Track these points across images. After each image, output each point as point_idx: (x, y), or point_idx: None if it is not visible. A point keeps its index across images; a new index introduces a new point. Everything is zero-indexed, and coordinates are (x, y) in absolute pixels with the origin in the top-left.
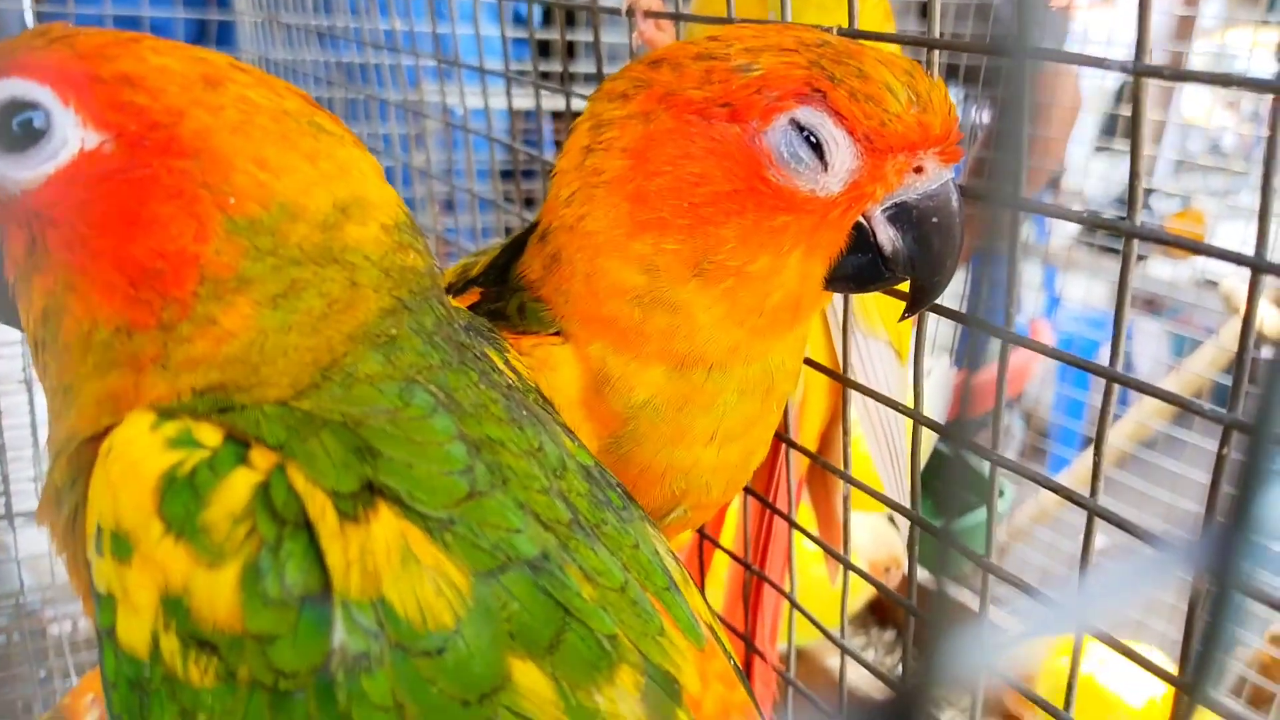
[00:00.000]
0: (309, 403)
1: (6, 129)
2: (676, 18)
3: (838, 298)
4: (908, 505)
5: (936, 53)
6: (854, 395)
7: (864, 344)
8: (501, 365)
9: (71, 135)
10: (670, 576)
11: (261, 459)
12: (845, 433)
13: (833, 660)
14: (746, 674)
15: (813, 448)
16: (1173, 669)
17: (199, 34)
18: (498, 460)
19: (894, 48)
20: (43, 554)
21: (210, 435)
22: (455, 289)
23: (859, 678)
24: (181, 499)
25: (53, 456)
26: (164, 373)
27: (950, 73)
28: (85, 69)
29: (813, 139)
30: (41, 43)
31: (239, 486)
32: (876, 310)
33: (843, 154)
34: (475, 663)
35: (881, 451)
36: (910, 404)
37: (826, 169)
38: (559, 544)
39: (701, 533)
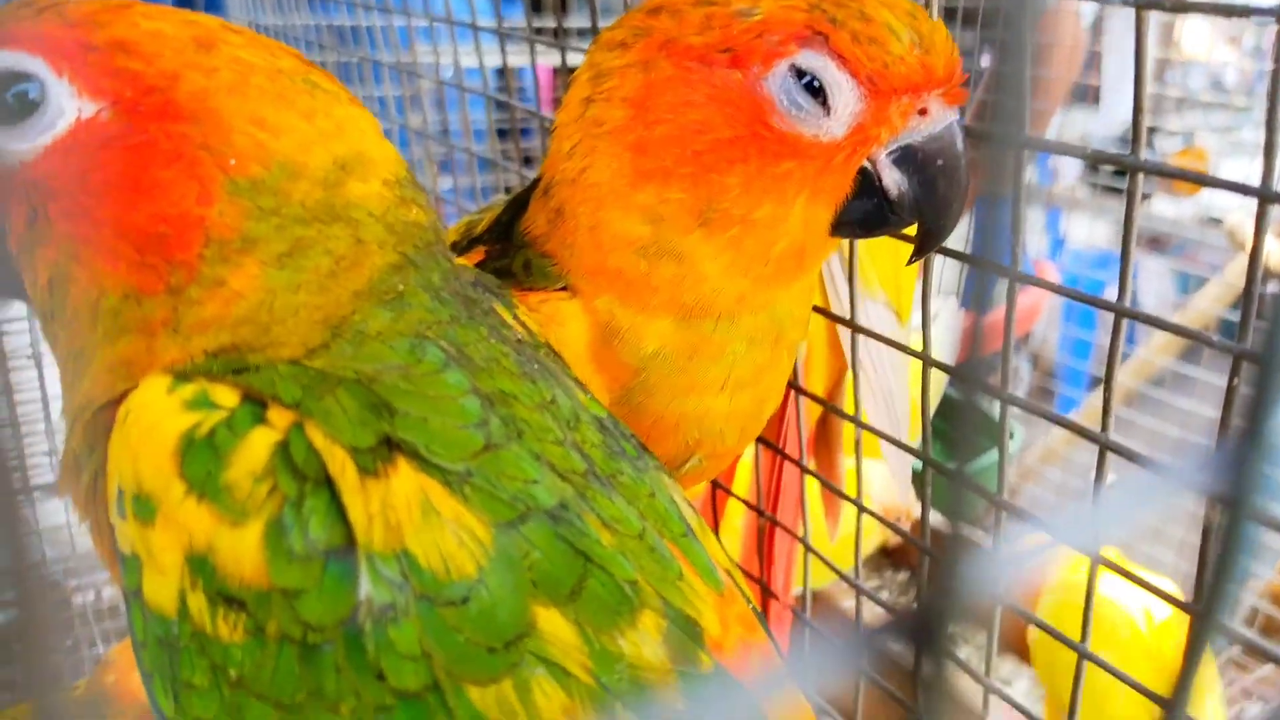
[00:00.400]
0: (321, 361)
1: (1, 102)
2: None
3: (839, 255)
4: (911, 459)
5: None
6: (858, 360)
7: (860, 304)
8: (510, 320)
9: (67, 105)
10: (687, 523)
11: (279, 417)
12: (855, 376)
13: (848, 603)
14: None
15: (817, 411)
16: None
17: (185, 1)
18: (512, 413)
19: None
20: (61, 525)
21: (227, 396)
22: (460, 247)
23: (874, 619)
24: (202, 460)
25: (69, 424)
26: (175, 336)
27: (948, 15)
28: (77, 37)
29: (815, 83)
30: (29, 13)
31: (258, 445)
32: (874, 270)
33: (846, 97)
34: (499, 610)
35: (879, 413)
36: (908, 367)
37: (829, 113)
38: (576, 494)
39: (715, 482)
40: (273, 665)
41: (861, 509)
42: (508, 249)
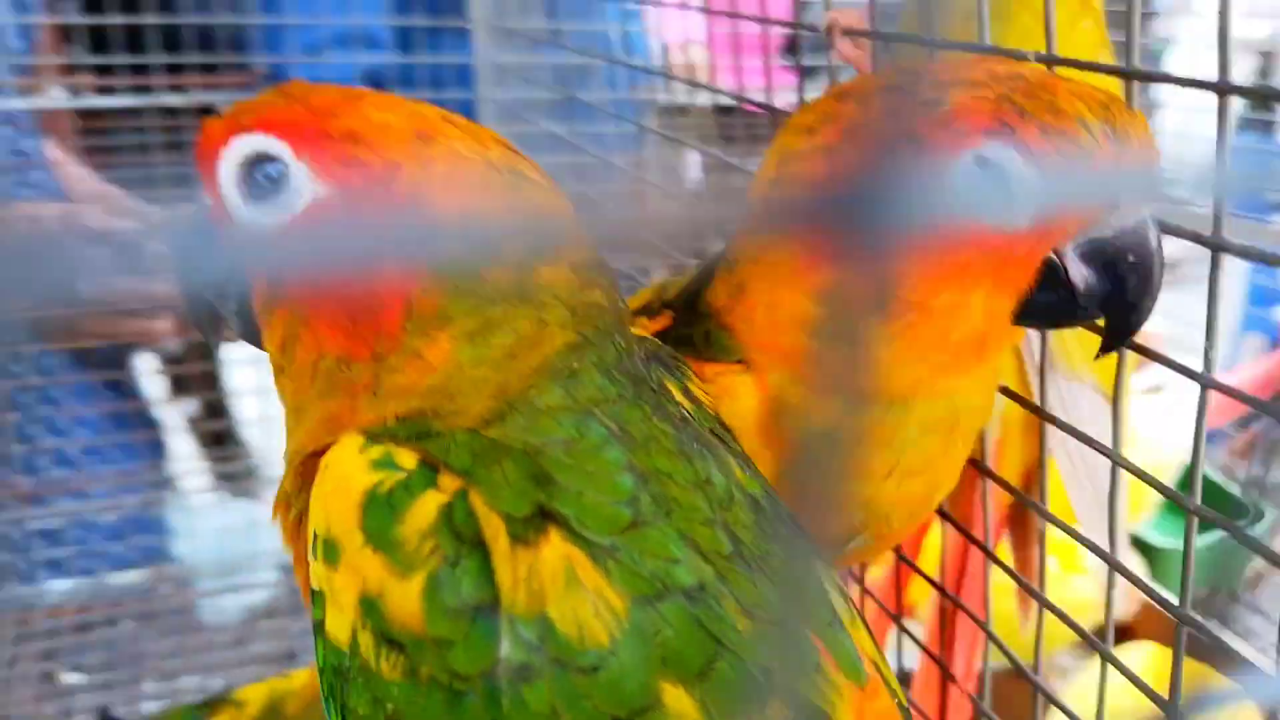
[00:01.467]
0: (496, 431)
1: (254, 179)
2: (876, 36)
3: (1033, 335)
4: (1116, 557)
5: (1136, 84)
6: (1059, 443)
7: (1065, 388)
8: (679, 395)
9: (305, 186)
10: (835, 611)
11: (448, 482)
12: (1042, 466)
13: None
14: (941, 703)
15: (1008, 498)
16: None
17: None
18: (663, 491)
19: (1098, 77)
20: None
21: (407, 459)
22: (651, 310)
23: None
24: (380, 515)
25: (286, 466)
26: (374, 400)
27: None
28: (317, 125)
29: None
30: (282, 101)
31: (428, 507)
32: (1080, 352)
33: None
34: (627, 681)
35: (1084, 500)
36: (1128, 455)
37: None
38: (717, 576)
39: (900, 556)
40: (423, 704)
41: (1044, 604)
42: (692, 318)
